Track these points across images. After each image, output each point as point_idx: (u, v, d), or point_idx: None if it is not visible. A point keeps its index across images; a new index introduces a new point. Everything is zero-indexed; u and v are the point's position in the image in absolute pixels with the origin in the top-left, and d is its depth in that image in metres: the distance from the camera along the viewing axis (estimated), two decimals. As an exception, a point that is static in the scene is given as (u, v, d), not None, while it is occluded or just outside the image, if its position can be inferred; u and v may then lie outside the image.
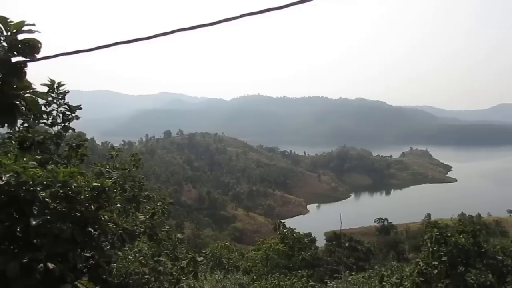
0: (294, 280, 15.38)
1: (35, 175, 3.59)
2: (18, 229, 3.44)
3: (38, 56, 3.03)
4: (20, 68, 3.01)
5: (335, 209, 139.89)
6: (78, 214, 3.77)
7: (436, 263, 10.98)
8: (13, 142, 4.65)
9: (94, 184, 4.00)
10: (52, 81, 4.93)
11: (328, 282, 16.91)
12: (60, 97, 5.09)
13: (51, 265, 3.23)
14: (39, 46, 3.02)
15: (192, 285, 8.82)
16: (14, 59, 2.97)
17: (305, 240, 27.77)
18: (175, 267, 6.38)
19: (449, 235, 11.37)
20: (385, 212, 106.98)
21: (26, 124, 4.70)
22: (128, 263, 5.95)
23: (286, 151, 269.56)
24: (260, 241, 24.85)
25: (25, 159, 4.01)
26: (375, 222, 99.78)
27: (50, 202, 3.63)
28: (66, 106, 5.19)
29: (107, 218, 4.21)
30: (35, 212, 3.47)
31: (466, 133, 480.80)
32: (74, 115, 5.31)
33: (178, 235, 6.98)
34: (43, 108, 4.91)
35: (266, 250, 22.02)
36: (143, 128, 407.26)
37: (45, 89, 4.85)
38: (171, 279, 6.07)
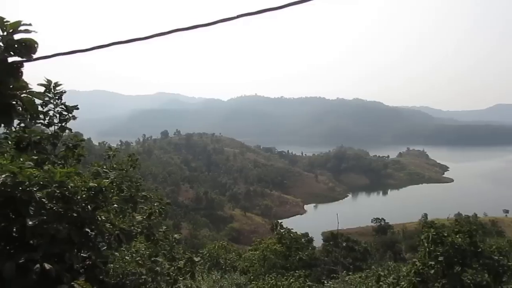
0: (291, 280, 15.39)
1: (31, 175, 3.58)
2: (15, 229, 3.43)
3: (34, 56, 3.02)
4: (16, 68, 3.00)
5: (332, 209, 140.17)
6: (75, 215, 3.76)
7: (432, 263, 11.02)
8: (9, 142, 4.63)
9: (91, 184, 3.99)
10: (48, 81, 4.92)
11: (325, 282, 16.94)
12: (57, 97, 5.07)
13: (47, 265, 3.22)
14: (36, 46, 3.01)
15: (189, 285, 8.81)
16: (10, 59, 2.96)
17: (302, 240, 27.78)
18: (172, 268, 6.38)
19: (445, 235, 11.42)
20: (382, 212, 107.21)
21: (22, 124, 4.69)
22: (125, 263, 5.94)
23: (283, 151, 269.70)
24: (257, 241, 24.87)
25: (21, 159, 3.99)
26: (372, 222, 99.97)
27: (46, 202, 3.62)
28: (63, 106, 5.18)
29: (104, 218, 4.20)
30: (32, 213, 3.47)
31: (463, 133, 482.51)
32: (71, 115, 5.30)
33: (175, 236, 6.97)
34: (40, 108, 4.90)
35: (263, 250, 22.03)
36: (140, 128, 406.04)
37: (41, 89, 4.83)
38: (168, 279, 6.07)
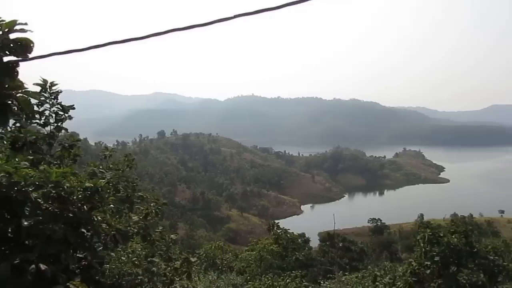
0: (287, 280, 15.40)
1: (27, 175, 3.56)
2: (10, 230, 3.41)
3: (30, 56, 3.01)
4: (12, 68, 2.98)
5: (329, 209, 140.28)
6: (71, 215, 3.75)
7: (428, 263, 11.06)
8: (5, 142, 4.60)
9: (87, 184, 3.98)
10: (44, 80, 4.89)
11: (321, 282, 16.95)
12: (52, 97, 5.05)
13: (43, 266, 3.20)
14: (32, 45, 3.00)
15: (186, 286, 8.80)
16: (6, 59, 2.94)
17: (299, 240, 27.80)
18: (169, 268, 6.36)
19: (441, 235, 11.46)
20: (378, 213, 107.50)
21: (18, 124, 4.66)
22: (121, 264, 5.92)
23: (280, 152, 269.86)
24: (254, 241, 24.86)
25: (17, 159, 3.97)
26: (368, 222, 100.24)
27: (42, 202, 3.60)
28: (59, 106, 5.15)
29: (100, 218, 4.18)
30: (27, 213, 3.45)
31: (459, 133, 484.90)
32: (67, 115, 5.27)
33: (172, 236, 6.95)
34: (36, 108, 4.87)
35: (260, 250, 22.03)
36: (136, 128, 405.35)
37: (37, 88, 4.81)
38: (164, 280, 6.05)
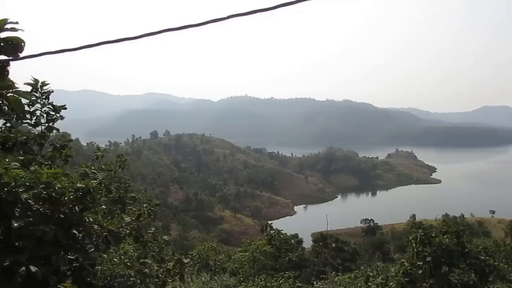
0: (281, 281, 15.43)
1: (17, 176, 3.52)
2: (0, 231, 3.37)
3: (21, 55, 2.98)
4: (2, 67, 2.95)
5: (322, 210, 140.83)
6: (62, 216, 3.71)
7: (420, 263, 11.14)
8: (-5, 143, 4.55)
9: (79, 185, 3.94)
10: (35, 80, 4.84)
11: (314, 283, 16.98)
12: (44, 96, 4.99)
13: (33, 268, 3.16)
14: (23, 44, 2.97)
15: (179, 287, 8.77)
16: (-4, 58, 2.91)
17: (292, 241, 27.83)
18: (161, 269, 6.32)
19: (433, 235, 11.56)
20: (371, 213, 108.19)
21: (8, 124, 4.60)
22: (113, 265, 5.87)
23: (273, 152, 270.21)
24: (247, 242, 24.84)
25: (7, 160, 3.93)
26: (361, 223, 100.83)
27: (33, 203, 3.56)
28: (50, 106, 5.09)
29: (92, 219, 4.15)
30: (17, 214, 3.40)
31: (450, 134, 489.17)
32: (58, 115, 5.22)
33: (165, 237, 6.91)
34: (26, 108, 4.81)
35: (253, 251, 22.02)
36: (129, 128, 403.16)
37: (28, 88, 4.75)
38: (157, 281, 6.02)
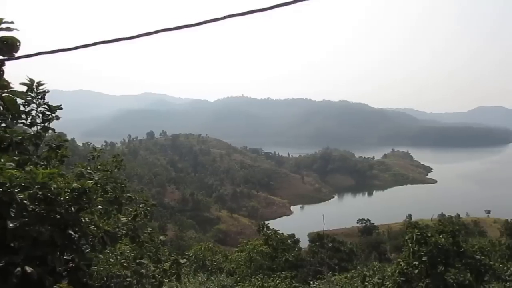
0: (277, 281, 15.44)
1: (12, 176, 3.50)
2: (-5, 232, 3.35)
3: (16, 55, 2.96)
4: (-3, 67, 2.93)
5: (318, 210, 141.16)
6: (58, 216, 3.69)
7: (416, 263, 11.18)
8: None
9: (75, 185, 3.92)
10: (31, 80, 4.82)
11: (311, 283, 17.00)
12: (39, 96, 4.97)
13: (29, 268, 3.15)
14: (18, 44, 2.96)
15: (175, 287, 8.75)
16: (-9, 58, 2.89)
17: (288, 241, 27.84)
18: (158, 270, 6.31)
19: (429, 235, 11.60)
20: (367, 213, 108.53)
21: (4, 124, 4.58)
22: (110, 266, 5.86)
23: (270, 153, 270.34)
24: (244, 242, 24.80)
25: (2, 160, 3.90)
26: (357, 223, 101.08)
27: (28, 204, 3.54)
28: (45, 106, 5.07)
29: (88, 220, 4.13)
30: (13, 214, 3.38)
31: (446, 135, 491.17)
32: (54, 115, 5.19)
33: (161, 237, 6.90)
34: (22, 108, 4.79)
35: (250, 251, 22.00)
36: (125, 128, 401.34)
37: (24, 88, 4.72)
38: (153, 281, 6.00)
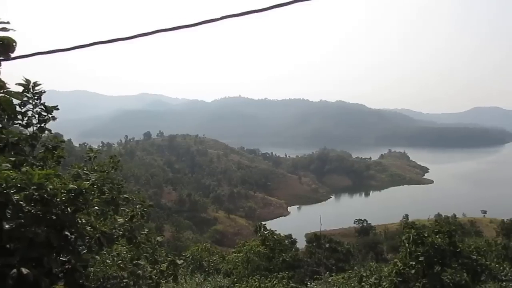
0: (274, 282, 15.43)
1: (8, 177, 3.48)
2: (-10, 233, 3.33)
3: (13, 55, 2.95)
4: (-7, 67, 2.92)
5: (315, 210, 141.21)
6: (54, 217, 3.68)
7: (413, 263, 11.21)
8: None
9: (71, 186, 3.90)
10: (27, 80, 4.80)
11: (308, 283, 17.01)
12: (36, 97, 4.95)
13: (25, 270, 3.13)
14: (14, 45, 2.94)
15: (172, 288, 8.73)
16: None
17: (285, 241, 27.80)
18: (155, 271, 6.29)
19: (426, 235, 11.64)
20: (364, 213, 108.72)
21: (-1, 125, 4.56)
22: (106, 267, 5.84)
23: (267, 153, 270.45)
24: (241, 243, 24.77)
25: (-2, 161, 3.89)
26: (354, 223, 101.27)
27: (24, 205, 3.52)
28: (42, 107, 5.05)
29: (84, 221, 4.11)
30: (9, 216, 3.37)
31: (442, 135, 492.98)
32: (50, 115, 5.18)
33: (158, 238, 6.88)
34: (18, 108, 4.77)
35: (247, 252, 21.96)
36: (122, 129, 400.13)
37: (20, 89, 4.71)
38: (150, 282, 5.99)
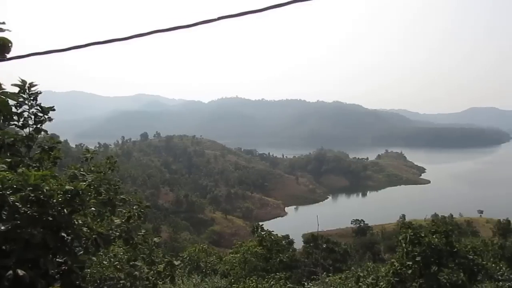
0: (272, 282, 15.43)
1: (4, 178, 3.47)
2: (-14, 235, 3.31)
3: (8, 56, 2.94)
4: (-11, 68, 2.90)
5: (312, 211, 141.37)
6: (50, 219, 3.66)
7: (410, 263, 11.24)
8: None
9: (67, 187, 3.89)
10: (23, 81, 4.77)
11: (305, 283, 17.02)
12: (32, 98, 4.93)
13: (21, 271, 3.12)
14: (10, 45, 2.93)
15: (169, 289, 8.69)
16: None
17: (283, 242, 27.83)
18: (152, 272, 6.28)
19: (422, 235, 11.67)
20: (361, 214, 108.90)
21: (-5, 126, 4.54)
22: (103, 268, 5.83)
23: (264, 154, 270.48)
24: (238, 244, 24.77)
25: (-6, 162, 3.87)
26: (351, 223, 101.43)
27: (20, 206, 3.50)
28: (38, 107, 5.03)
29: (81, 222, 4.10)
30: (4, 217, 3.36)
31: (439, 135, 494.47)
32: (46, 116, 5.15)
33: (155, 239, 6.86)
34: (14, 109, 4.75)
35: (244, 253, 21.96)
36: (119, 130, 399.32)
37: (16, 89, 4.69)
38: (147, 284, 5.97)
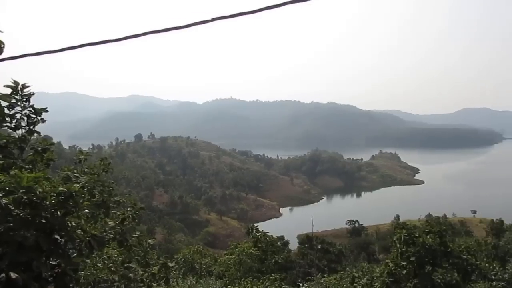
0: (267, 283, 15.43)
1: (-4, 180, 3.44)
2: (-22, 237, 3.29)
3: (0, 57, 2.92)
4: (-20, 69, 2.88)
5: (307, 212, 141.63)
6: (43, 221, 3.63)
7: (404, 263, 11.29)
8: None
9: (61, 189, 3.86)
10: (15, 82, 4.73)
11: (300, 284, 17.05)
12: (24, 99, 4.89)
13: (13, 274, 3.09)
14: (2, 46, 2.91)
15: (164, 291, 8.66)
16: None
17: (278, 243, 27.85)
18: (146, 274, 6.25)
19: (417, 235, 11.73)
20: (356, 214, 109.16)
21: (-13, 128, 4.50)
22: (97, 270, 5.79)
23: (259, 155, 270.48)
24: (233, 245, 24.75)
25: (-14, 164, 3.84)
26: (346, 224, 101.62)
27: (13, 208, 3.48)
28: (31, 109, 4.99)
29: (74, 224, 4.07)
30: (-3, 220, 3.33)
31: (433, 136, 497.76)
32: (39, 118, 5.12)
33: (149, 241, 6.84)
34: (6, 110, 4.71)
35: (239, 254, 21.95)
36: (113, 131, 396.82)
37: (8, 90, 4.65)
38: (141, 286, 5.94)
